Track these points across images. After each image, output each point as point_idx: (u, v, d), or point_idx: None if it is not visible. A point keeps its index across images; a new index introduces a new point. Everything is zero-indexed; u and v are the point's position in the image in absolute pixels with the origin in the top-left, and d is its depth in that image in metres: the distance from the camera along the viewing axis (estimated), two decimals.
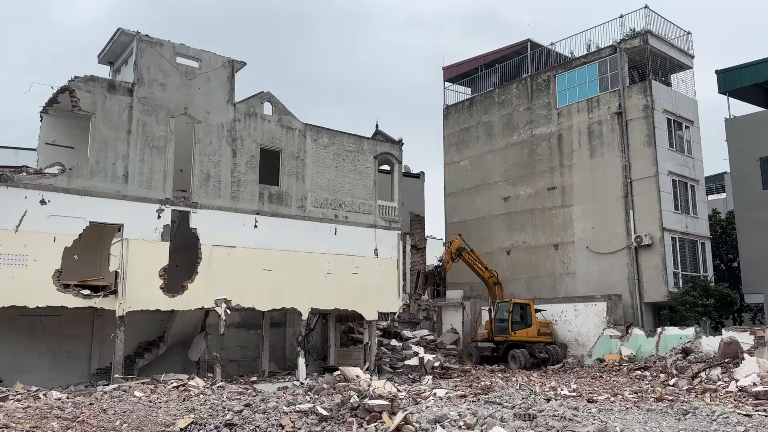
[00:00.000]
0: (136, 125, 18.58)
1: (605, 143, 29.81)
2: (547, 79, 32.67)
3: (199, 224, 19.31)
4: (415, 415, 9.45)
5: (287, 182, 21.61)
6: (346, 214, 22.78)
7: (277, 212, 21.12)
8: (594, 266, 29.37)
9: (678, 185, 28.87)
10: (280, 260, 20.67)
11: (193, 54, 19.96)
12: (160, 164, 18.84)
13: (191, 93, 19.74)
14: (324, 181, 22.47)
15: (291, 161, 21.80)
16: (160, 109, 19.09)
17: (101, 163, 17.84)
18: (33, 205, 16.55)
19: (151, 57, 19.07)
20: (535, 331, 26.64)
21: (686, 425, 11.33)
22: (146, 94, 18.87)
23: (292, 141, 21.92)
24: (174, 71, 19.42)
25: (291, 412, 10.79)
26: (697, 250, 29.04)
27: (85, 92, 17.75)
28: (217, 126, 20.20)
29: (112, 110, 18.22)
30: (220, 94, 20.37)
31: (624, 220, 28.58)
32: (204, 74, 20.00)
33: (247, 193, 20.52)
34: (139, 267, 17.84)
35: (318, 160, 22.43)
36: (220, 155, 20.13)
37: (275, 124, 21.57)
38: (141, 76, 18.85)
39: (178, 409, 11.56)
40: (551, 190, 31.53)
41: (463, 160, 35.81)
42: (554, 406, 11.18)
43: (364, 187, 23.48)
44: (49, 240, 16.60)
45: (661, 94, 29.20)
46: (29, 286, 16.23)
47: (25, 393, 13.92)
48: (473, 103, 36.20)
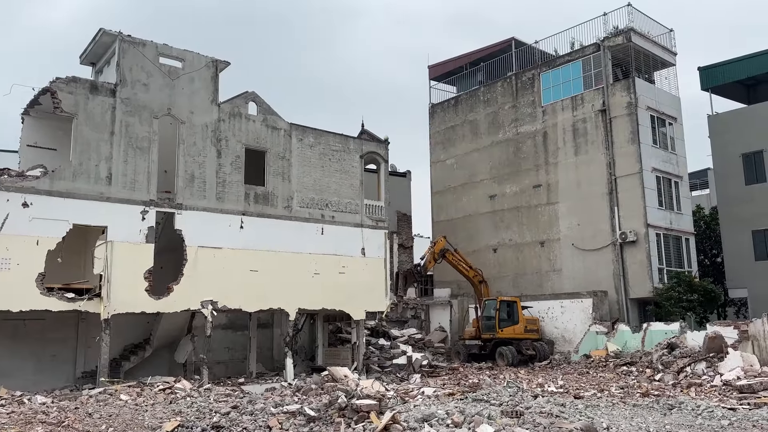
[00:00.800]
0: (119, 126, 18.41)
1: (590, 141, 29.99)
2: (531, 78, 32.81)
3: (184, 225, 19.17)
4: (403, 415, 9.45)
5: (273, 182, 21.49)
6: (332, 213, 22.72)
7: (263, 213, 21.02)
8: (580, 263, 29.55)
9: (662, 182, 29.11)
10: (267, 261, 20.57)
11: (176, 54, 19.81)
12: (144, 165, 18.68)
13: (175, 93, 19.58)
14: (310, 181, 22.38)
15: (276, 161, 21.68)
16: (144, 110, 18.91)
17: (84, 164, 17.66)
18: (15, 208, 16.36)
19: (133, 57, 18.91)
20: (522, 328, 26.78)
21: (672, 420, 11.44)
22: (129, 95, 18.71)
23: (278, 141, 21.81)
24: (157, 71, 19.26)
25: (278, 413, 10.75)
26: (681, 246, 29.30)
27: (67, 93, 17.58)
28: (201, 126, 20.04)
29: (94, 111, 18.04)
30: (204, 94, 20.23)
31: (609, 216, 28.77)
32: (187, 74, 19.86)
33: (232, 194, 20.39)
34: (123, 269, 17.68)
35: (304, 160, 22.34)
36: (204, 156, 19.98)
37: (260, 124, 21.45)
38: (123, 76, 18.68)
39: (165, 412, 11.48)
40: (537, 187, 31.68)
41: (449, 159, 35.88)
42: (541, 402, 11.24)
43: (351, 186, 23.43)
44: (32, 243, 16.42)
45: (645, 91, 29.43)
46: (12, 289, 16.04)
47: (9, 398, 13.76)
48: (459, 101, 36.27)
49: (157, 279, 18.49)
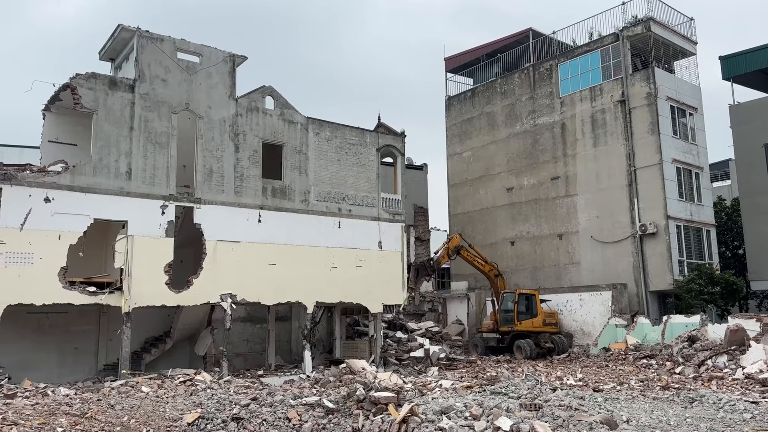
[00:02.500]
0: (139, 122, 18.48)
1: (609, 132, 29.69)
2: (549, 68, 32.53)
3: (203, 220, 19.29)
4: (421, 407, 9.46)
5: (290, 176, 21.52)
6: (349, 207, 22.70)
7: (281, 206, 21.07)
8: (599, 255, 29.32)
9: (682, 173, 28.75)
10: (285, 254, 20.66)
11: (194, 49, 19.81)
12: (163, 160, 18.78)
13: (192, 88, 19.63)
14: (327, 175, 22.35)
15: (294, 155, 21.69)
16: (162, 105, 18.98)
17: (104, 160, 17.79)
18: (37, 203, 16.56)
19: (151, 53, 18.94)
20: (541, 321, 26.66)
21: (693, 413, 11.33)
22: (148, 91, 18.77)
23: (295, 135, 21.81)
24: (175, 67, 19.32)
25: (297, 405, 10.82)
26: (702, 238, 28.95)
27: (86, 89, 17.63)
28: (219, 121, 20.10)
29: (113, 107, 18.12)
30: (222, 89, 20.28)
31: (628, 208, 28.50)
32: (205, 69, 19.88)
33: (250, 188, 20.45)
34: (144, 263, 17.84)
35: (321, 154, 22.32)
36: (222, 150, 20.05)
37: (277, 119, 21.45)
38: (142, 72, 18.74)
39: (186, 403, 11.60)
40: (555, 179, 31.45)
41: (465, 152, 35.74)
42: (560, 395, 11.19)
43: (367, 180, 23.38)
44: (54, 238, 16.61)
45: (665, 81, 29.04)
46: (35, 284, 16.25)
47: (33, 390, 13.99)
48: (475, 93, 36.08)
49: (177, 272, 18.65)
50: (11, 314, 16.17)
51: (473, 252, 28.63)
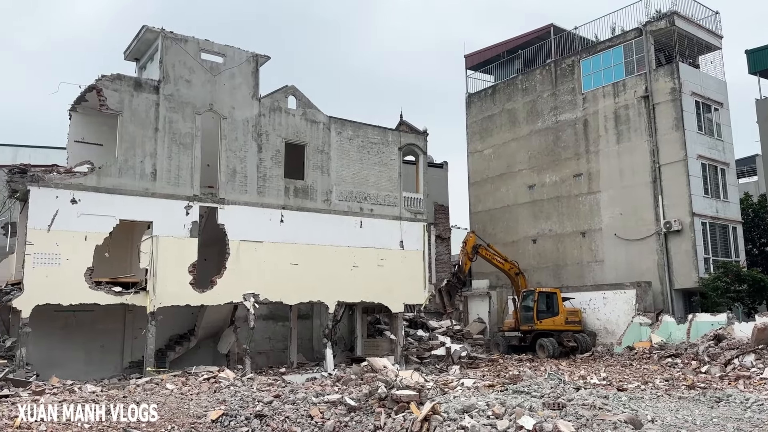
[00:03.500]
0: (163, 123, 18.72)
1: (632, 128, 29.34)
2: (571, 64, 32.23)
3: (227, 220, 19.47)
4: (443, 405, 9.45)
5: (312, 176, 21.64)
6: (371, 206, 22.75)
7: (303, 206, 21.21)
8: (622, 253, 29.00)
9: (708, 169, 28.31)
10: (307, 254, 20.80)
11: (217, 50, 20.00)
12: (188, 161, 19.01)
13: (216, 89, 19.82)
14: (349, 174, 22.43)
15: (316, 155, 21.80)
16: (186, 106, 19.18)
17: (129, 161, 18.04)
18: (64, 204, 16.82)
19: (176, 54, 19.16)
20: (563, 320, 26.42)
21: (720, 413, 11.16)
22: (172, 92, 18.99)
23: (317, 134, 21.91)
24: (199, 68, 19.52)
25: (320, 402, 10.88)
26: (728, 235, 28.48)
27: (112, 91, 17.92)
28: (243, 121, 20.25)
29: (138, 108, 18.35)
30: (245, 89, 20.44)
31: (653, 205, 28.15)
32: (228, 70, 20.06)
33: (273, 188, 20.59)
34: (168, 263, 18.07)
35: (343, 153, 22.39)
36: (245, 151, 20.20)
37: (300, 118, 21.57)
38: (166, 73, 18.95)
39: (209, 400, 11.71)
40: (577, 176, 31.16)
41: (486, 149, 35.56)
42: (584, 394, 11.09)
43: (389, 179, 23.40)
44: (80, 239, 16.88)
45: (689, 76, 28.61)
46: (62, 284, 16.52)
47: (60, 386, 14.23)
48: (496, 90, 35.88)
49: (200, 271, 18.85)
50: (39, 313, 16.49)
51: (492, 250, 28.51)
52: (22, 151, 28.52)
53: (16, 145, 29.49)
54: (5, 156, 27.27)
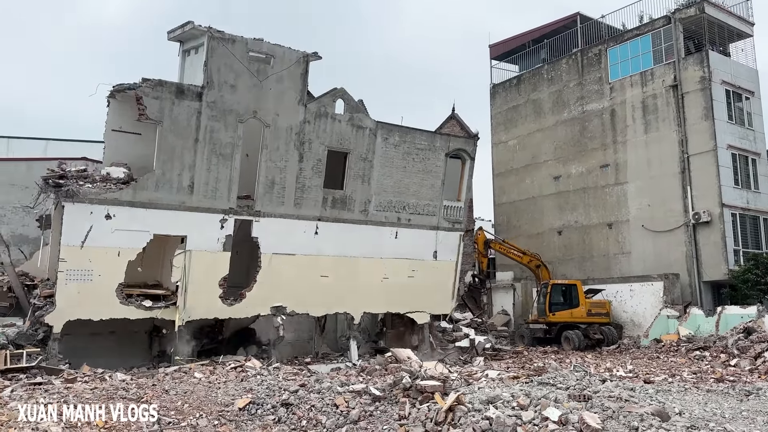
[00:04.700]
0: (204, 132, 17.60)
1: (660, 118, 28.87)
2: (598, 53, 31.78)
3: (261, 233, 18.66)
4: (467, 396, 9.46)
5: (352, 186, 20.49)
6: (409, 216, 21.64)
7: (339, 217, 20.16)
8: (650, 245, 28.62)
9: (738, 159, 27.77)
10: (338, 266, 19.96)
11: (267, 50, 18.47)
12: (226, 173, 18.00)
13: (261, 94, 18.51)
14: (390, 183, 21.19)
15: (358, 163, 20.51)
16: (229, 114, 17.98)
17: (167, 174, 17.13)
18: (98, 219, 16.16)
19: (222, 56, 17.79)
20: (584, 312, 26.02)
21: (749, 406, 11.01)
22: (215, 98, 17.78)
23: (362, 141, 20.53)
24: (245, 72, 18.15)
25: (345, 392, 10.97)
26: (759, 226, 27.94)
27: (152, 99, 16.76)
28: (286, 129, 19.00)
29: (179, 117, 17.20)
30: (292, 94, 19.13)
31: (681, 196, 27.71)
32: (276, 73, 18.65)
33: (310, 199, 19.51)
34: (200, 277, 17.47)
35: (386, 161, 21.08)
36: (286, 161, 19.00)
37: (345, 124, 20.18)
38: (211, 78, 17.67)
39: (237, 389, 11.89)
40: (604, 167, 30.79)
41: (511, 140, 35.28)
42: (610, 387, 11.00)
43: (431, 187, 22.06)
44: (113, 255, 16.31)
45: (719, 64, 28.04)
46: (93, 300, 16.11)
47: (91, 375, 14.54)
48: (521, 80, 35.54)
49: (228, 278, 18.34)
50: None
51: (506, 245, 28.30)
52: (52, 144, 29.03)
53: (46, 139, 30.01)
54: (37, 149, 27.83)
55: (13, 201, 22.09)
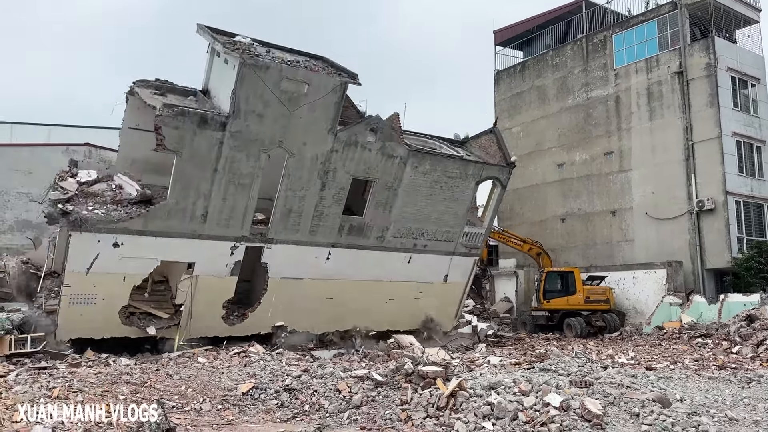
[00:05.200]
0: (224, 162, 16.18)
1: (665, 105, 28.73)
2: (603, 39, 31.57)
3: (271, 258, 17.78)
4: (469, 382, 9.49)
5: (372, 213, 19.14)
6: (426, 242, 20.39)
7: (354, 244, 18.98)
8: (653, 232, 28.60)
9: (743, 146, 27.66)
10: (345, 289, 19.11)
11: (302, 77, 16.60)
12: (243, 202, 16.80)
13: (290, 123, 16.78)
14: (412, 211, 19.77)
15: (382, 191, 19.09)
16: (253, 144, 16.48)
17: (181, 203, 15.97)
18: (105, 247, 15.36)
19: (252, 84, 15.96)
20: (581, 299, 26.01)
21: (750, 393, 11.04)
22: (240, 128, 16.15)
23: (390, 170, 18.95)
24: (275, 101, 16.39)
25: (347, 377, 11.01)
26: (763, 214, 27.89)
27: (172, 129, 15.34)
28: (311, 158, 17.46)
29: (200, 148, 15.80)
30: (323, 123, 17.33)
31: (685, 184, 27.64)
32: (309, 102, 16.78)
33: (327, 227, 18.30)
34: (204, 301, 16.92)
35: (412, 189, 19.56)
36: (307, 189, 17.68)
37: (376, 152, 18.53)
38: (238, 107, 15.95)
39: (240, 374, 11.94)
40: (608, 154, 30.70)
41: (515, 127, 35.15)
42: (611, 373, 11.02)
43: (455, 214, 20.65)
44: (118, 280, 15.69)
45: (725, 51, 27.85)
46: (95, 321, 15.67)
47: (96, 360, 14.62)
48: (525, 67, 35.36)
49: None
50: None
51: (506, 234, 28.31)
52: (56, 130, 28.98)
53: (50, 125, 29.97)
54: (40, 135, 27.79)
55: (17, 186, 22.15)
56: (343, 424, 8.97)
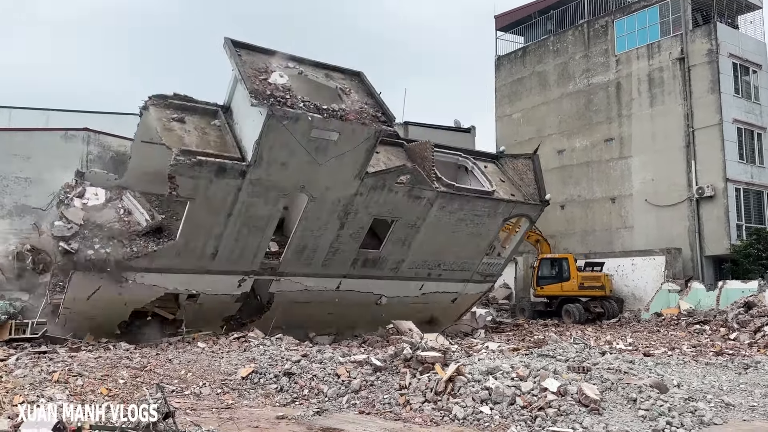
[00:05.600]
0: (240, 207, 15.04)
1: (666, 91, 28.62)
2: (605, 25, 31.39)
3: (279, 289, 17.16)
4: (467, 367, 9.54)
5: (390, 248, 18.10)
6: (441, 272, 19.49)
7: (367, 275, 18.09)
8: (653, 219, 28.62)
9: (744, 133, 27.60)
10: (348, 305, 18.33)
11: (334, 127, 14.93)
12: (256, 242, 15.86)
13: (315, 170, 15.30)
14: (432, 245, 18.66)
15: (403, 229, 17.94)
16: (272, 190, 15.24)
17: (191, 244, 15.12)
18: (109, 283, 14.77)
19: (279, 135, 14.36)
20: (575, 285, 26.01)
21: (747, 379, 11.11)
22: (260, 176, 14.80)
23: (415, 210, 17.66)
24: (302, 151, 14.86)
25: (346, 362, 11.07)
26: (762, 201, 27.89)
27: (188, 178, 14.08)
28: (333, 201, 16.23)
29: (215, 195, 14.67)
30: (350, 169, 15.83)
31: (685, 171, 27.61)
32: (340, 154, 15.26)
33: (340, 261, 17.40)
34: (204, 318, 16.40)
35: (436, 227, 18.31)
36: (325, 229, 16.64)
37: (402, 195, 17.18)
38: (260, 156, 14.47)
39: (240, 358, 11.99)
40: (608, 141, 30.64)
41: (515, 113, 35.06)
42: (609, 359, 11.09)
43: (477, 247, 19.57)
44: (120, 304, 15.30)
45: (727, 37, 27.70)
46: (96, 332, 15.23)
47: (96, 344, 14.68)
48: (526, 52, 35.17)
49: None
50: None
51: None
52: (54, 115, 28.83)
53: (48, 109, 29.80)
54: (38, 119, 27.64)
55: (16, 171, 22.02)
56: (341, 408, 9.03)
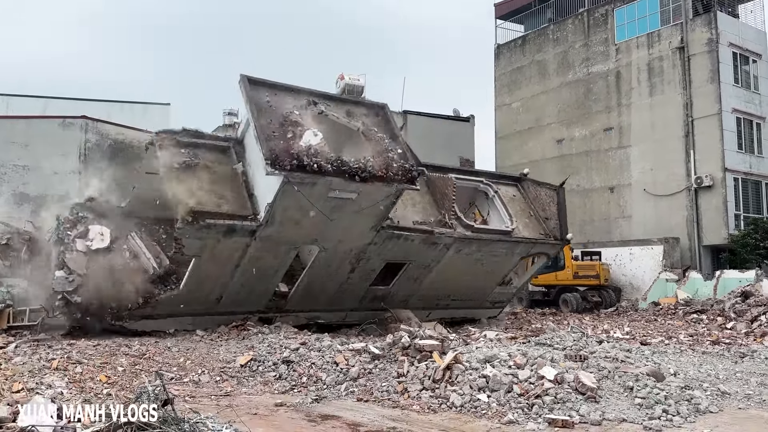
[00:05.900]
0: (247, 260, 14.40)
1: (666, 80, 28.56)
2: (605, 14, 31.26)
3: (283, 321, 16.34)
4: (465, 355, 9.57)
5: (400, 285, 17.43)
6: (449, 302, 18.91)
7: (372, 307, 17.42)
8: (651, 209, 28.65)
9: (743, 123, 27.57)
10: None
11: (354, 189, 14.00)
12: (263, 288, 15.39)
13: (330, 225, 14.49)
14: (442, 281, 17.86)
15: (416, 270, 17.18)
16: (282, 245, 14.64)
17: (194, 293, 14.48)
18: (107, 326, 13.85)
19: (293, 198, 13.55)
20: (570, 274, 26.03)
21: (744, 368, 11.17)
22: (271, 233, 14.11)
23: (430, 254, 16.88)
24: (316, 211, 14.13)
25: (345, 350, 11.10)
26: (761, 191, 27.92)
27: (194, 239, 13.61)
28: (345, 251, 15.51)
29: (222, 252, 14.06)
30: (367, 222, 15.05)
31: (684, 160, 27.61)
32: (357, 211, 14.50)
33: (349, 298, 16.83)
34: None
35: (450, 267, 17.50)
36: (335, 274, 16.00)
37: (419, 242, 16.37)
38: (273, 217, 13.82)
39: (238, 346, 12.02)
40: (608, 130, 30.61)
41: (514, 102, 34.98)
42: (606, 348, 11.12)
43: (490, 281, 18.98)
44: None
45: (727, 26, 27.61)
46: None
47: None
48: (526, 41, 35.04)
49: None
50: None
51: None
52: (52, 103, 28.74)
53: (46, 97, 29.70)
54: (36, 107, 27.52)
55: (14, 159, 21.96)
56: (340, 395, 9.07)
